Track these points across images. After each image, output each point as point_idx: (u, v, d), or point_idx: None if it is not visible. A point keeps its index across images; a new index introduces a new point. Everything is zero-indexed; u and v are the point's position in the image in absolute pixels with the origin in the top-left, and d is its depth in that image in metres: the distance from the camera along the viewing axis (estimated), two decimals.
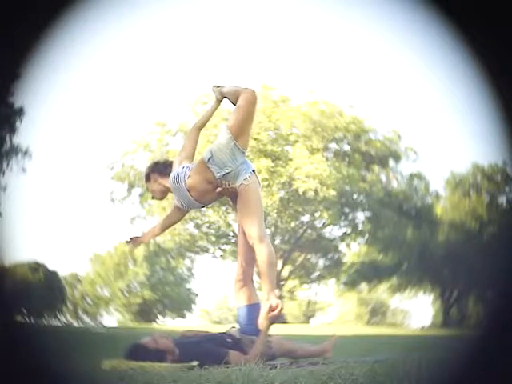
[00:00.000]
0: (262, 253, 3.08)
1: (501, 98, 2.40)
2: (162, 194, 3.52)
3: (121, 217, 29.97)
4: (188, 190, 3.22)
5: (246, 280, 3.33)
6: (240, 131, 3.16)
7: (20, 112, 10.96)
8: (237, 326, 3.35)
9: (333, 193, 18.03)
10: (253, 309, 3.25)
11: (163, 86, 37.94)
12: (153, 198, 3.61)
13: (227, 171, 3.14)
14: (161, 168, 3.51)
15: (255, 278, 3.56)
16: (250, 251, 3.27)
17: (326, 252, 22.58)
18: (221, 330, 3.35)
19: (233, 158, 3.14)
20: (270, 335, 3.14)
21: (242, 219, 3.17)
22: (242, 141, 3.16)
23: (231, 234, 20.48)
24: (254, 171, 3.23)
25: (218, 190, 3.18)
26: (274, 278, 3.12)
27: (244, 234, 3.24)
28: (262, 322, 3.03)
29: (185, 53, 37.11)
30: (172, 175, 3.33)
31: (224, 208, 19.38)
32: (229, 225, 20.10)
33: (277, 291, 3.28)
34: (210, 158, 3.14)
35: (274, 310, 3.01)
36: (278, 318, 3.07)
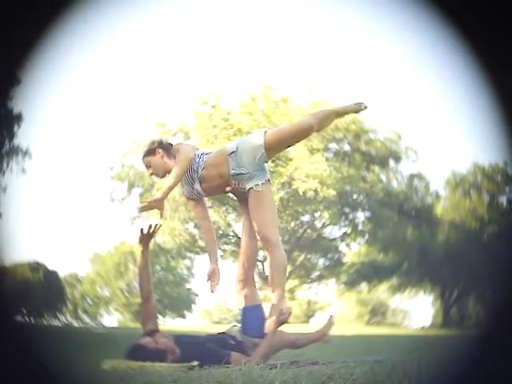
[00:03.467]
0: (277, 258, 3.12)
1: (501, 98, 2.40)
2: (163, 173, 3.29)
3: (121, 217, 29.95)
4: (200, 182, 3.16)
5: (248, 281, 3.32)
6: (275, 146, 3.18)
7: (20, 112, 10.97)
8: (237, 324, 3.34)
9: (333, 193, 17.99)
10: (255, 310, 3.25)
11: (163, 86, 37.95)
12: (151, 174, 3.34)
13: (243, 172, 3.09)
14: (167, 147, 3.34)
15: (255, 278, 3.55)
16: (253, 252, 3.32)
17: (326, 252, 22.56)
18: (221, 329, 3.34)
19: (254, 162, 3.09)
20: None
21: (256, 223, 3.13)
22: (270, 153, 3.14)
23: (231, 234, 20.46)
24: (268, 180, 3.17)
25: (228, 189, 3.16)
26: (284, 282, 3.21)
27: (249, 235, 3.25)
28: (270, 325, 3.03)
29: (185, 53, 37.15)
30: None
31: (224, 208, 19.36)
32: (229, 225, 20.07)
33: None
34: (233, 152, 3.09)
35: (284, 315, 3.02)
36: (286, 321, 3.07)
